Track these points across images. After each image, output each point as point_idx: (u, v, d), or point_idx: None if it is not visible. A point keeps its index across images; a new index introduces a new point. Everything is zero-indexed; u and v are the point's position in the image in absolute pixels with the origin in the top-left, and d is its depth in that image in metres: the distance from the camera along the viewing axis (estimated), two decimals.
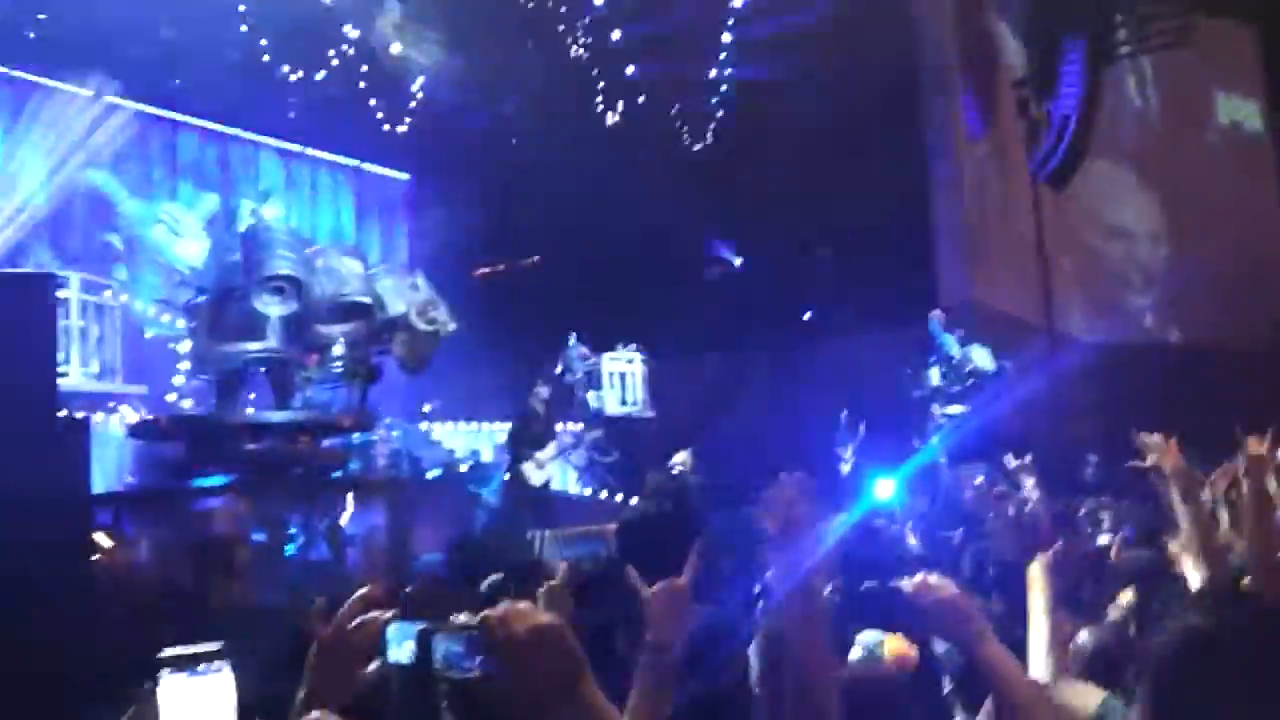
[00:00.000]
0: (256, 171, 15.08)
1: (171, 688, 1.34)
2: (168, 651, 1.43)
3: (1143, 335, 14.99)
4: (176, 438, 8.80)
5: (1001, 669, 2.12)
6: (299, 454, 8.78)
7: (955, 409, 11.64)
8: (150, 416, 9.44)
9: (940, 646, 3.14)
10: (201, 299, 9.08)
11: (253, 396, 9.84)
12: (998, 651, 2.14)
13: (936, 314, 12.19)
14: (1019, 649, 2.68)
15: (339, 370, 9.42)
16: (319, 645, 1.93)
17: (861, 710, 2.33)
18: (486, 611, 1.43)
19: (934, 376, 11.76)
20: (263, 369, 9.17)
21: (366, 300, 9.27)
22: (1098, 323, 14.55)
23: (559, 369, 13.33)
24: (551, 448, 10.02)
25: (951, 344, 11.82)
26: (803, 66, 14.07)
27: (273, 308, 8.78)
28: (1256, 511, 2.98)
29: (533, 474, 9.69)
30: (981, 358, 11.83)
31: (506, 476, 10.08)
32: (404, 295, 9.89)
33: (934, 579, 2.26)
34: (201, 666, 1.37)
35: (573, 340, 13.78)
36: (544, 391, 10.44)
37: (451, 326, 10.29)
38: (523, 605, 1.45)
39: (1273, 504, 3.03)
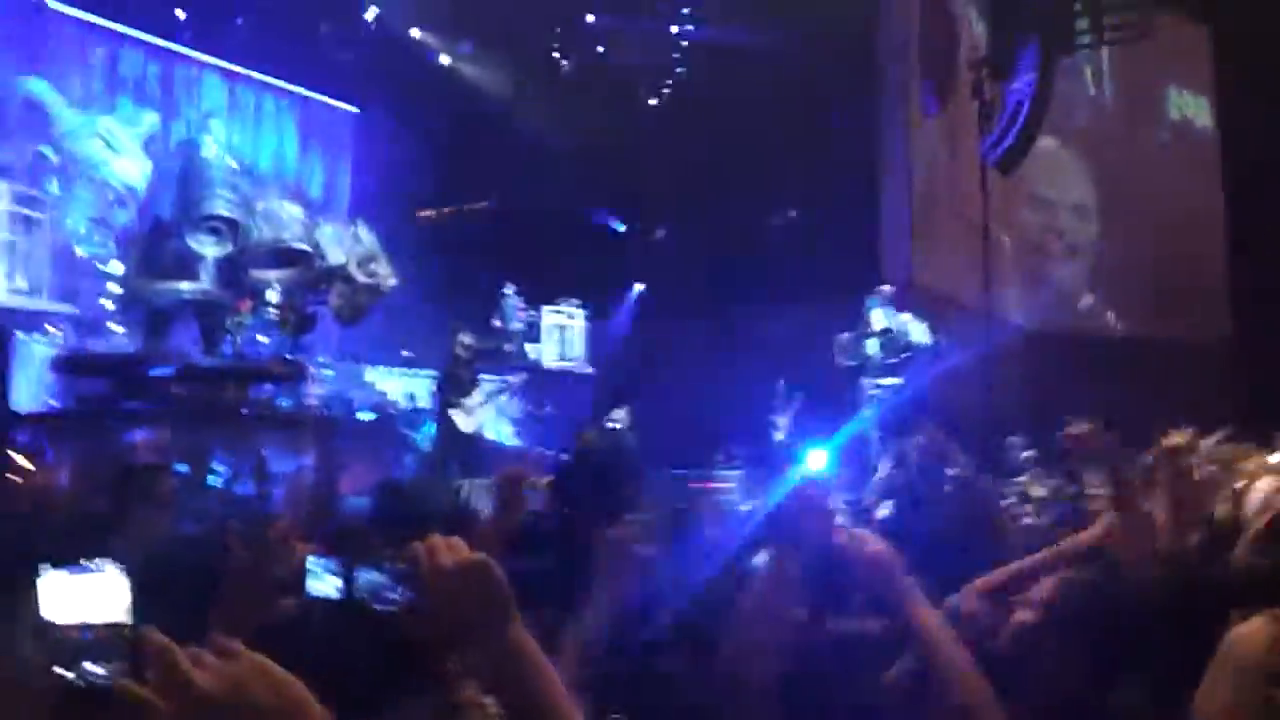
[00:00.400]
0: (199, 92, 14.66)
1: (51, 584, 1.29)
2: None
3: (1078, 323, 15.28)
4: (101, 374, 8.55)
5: (931, 629, 2.14)
6: (226, 400, 8.61)
7: (889, 380, 11.79)
8: (75, 350, 9.15)
9: None
10: (134, 228, 8.84)
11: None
12: (925, 610, 2.16)
13: (880, 288, 12.30)
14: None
15: (272, 317, 9.21)
16: (233, 570, 1.88)
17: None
18: (414, 543, 1.40)
19: (871, 347, 11.88)
20: (194, 310, 8.95)
21: (305, 247, 9.13)
22: (1034, 308, 14.79)
23: (494, 319, 13.25)
24: (478, 394, 9.92)
25: (890, 316, 11.94)
26: (763, 29, 14.02)
27: (208, 248, 8.59)
28: (1172, 500, 3.09)
29: (462, 421, 9.62)
30: (917, 331, 11.98)
31: (436, 423, 10.00)
32: (345, 245, 9.74)
33: (864, 533, 2.29)
34: (85, 563, 1.31)
35: (509, 290, 13.66)
36: (467, 338, 10.31)
37: (391, 282, 10.17)
38: (452, 539, 1.42)
39: (1189, 492, 3.14)
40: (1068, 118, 15.50)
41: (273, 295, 9.16)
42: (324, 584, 1.56)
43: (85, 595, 1.29)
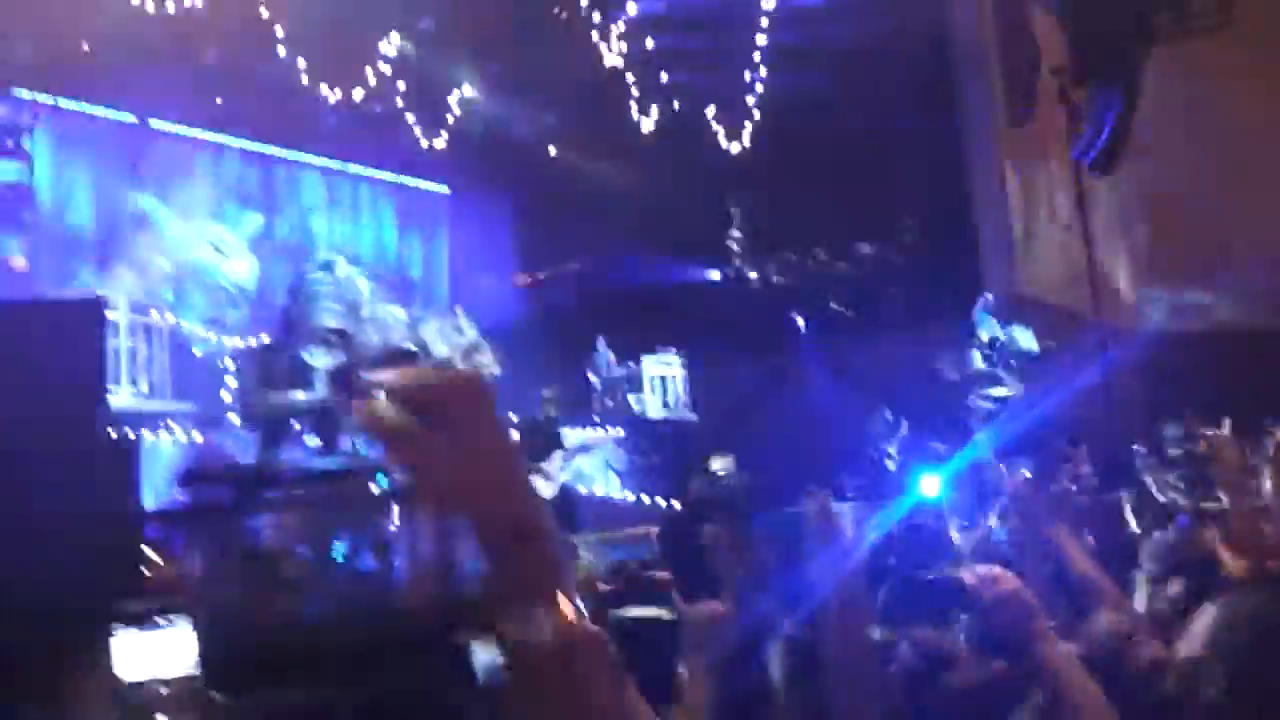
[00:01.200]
0: (299, 189, 15.27)
1: (126, 643, 1.35)
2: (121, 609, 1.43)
3: (1195, 323, 14.71)
4: (223, 485, 8.86)
5: (1064, 670, 2.05)
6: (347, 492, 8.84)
7: (999, 391, 11.51)
8: (195, 466, 9.50)
9: None
10: (251, 343, 9.27)
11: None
12: (1060, 651, 2.08)
13: (984, 298, 12.06)
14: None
15: None
16: None
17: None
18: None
19: (976, 359, 11.62)
20: (310, 419, 9.30)
21: (412, 347, 9.45)
22: (1147, 311, 14.30)
23: (588, 372, 13.37)
24: (557, 458, 9.93)
25: (994, 326, 11.68)
26: (836, 60, 14.00)
27: (319, 359, 8.95)
28: None
29: (543, 487, 9.61)
30: (1025, 339, 11.69)
31: None
32: (448, 339, 10.07)
33: (998, 570, 2.20)
34: (158, 620, 1.37)
35: (601, 344, 13.78)
36: (550, 396, 10.43)
37: (496, 370, 10.41)
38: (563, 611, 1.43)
39: None
40: (1165, 117, 15.06)
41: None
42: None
43: (159, 652, 1.34)
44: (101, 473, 5.28)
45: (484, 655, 1.49)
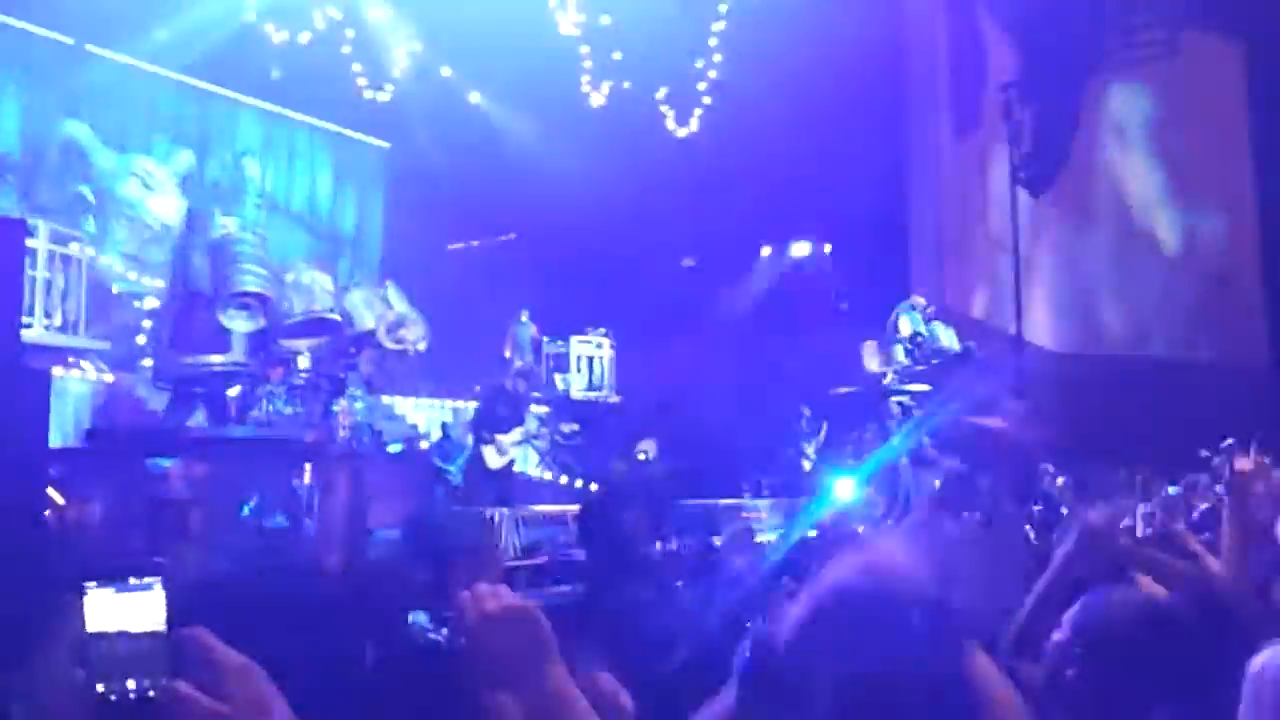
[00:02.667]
0: (235, 130, 14.89)
1: (97, 600, 1.32)
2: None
3: (1110, 347, 15.09)
4: (134, 447, 8.60)
5: (981, 674, 2.10)
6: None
7: (917, 388, 11.71)
8: (103, 427, 9.22)
9: None
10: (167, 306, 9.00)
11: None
12: (979, 658, 2.12)
13: (916, 300, 12.22)
14: None
15: (303, 383, 9.31)
16: None
17: None
18: (461, 592, 1.42)
19: (898, 354, 11.79)
20: (224, 381, 9.07)
21: (335, 316, 9.25)
22: (1066, 332, 14.64)
23: (506, 349, 13.28)
24: (516, 433, 9.89)
25: (917, 322, 11.86)
26: (789, 56, 14.04)
27: (239, 323, 8.73)
28: (1236, 526, 3.01)
29: (491, 457, 9.58)
30: (946, 336, 11.90)
31: (466, 457, 9.96)
32: (374, 309, 9.88)
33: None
34: (131, 580, 1.35)
35: (524, 317, 13.64)
36: (521, 369, 10.36)
37: (421, 346, 10.28)
38: (498, 587, 1.45)
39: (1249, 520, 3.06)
40: (1097, 143, 15.38)
41: (303, 362, 9.29)
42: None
43: (128, 612, 1.32)
44: (15, 402, 5.13)
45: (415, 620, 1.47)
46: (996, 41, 15.25)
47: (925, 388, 11.68)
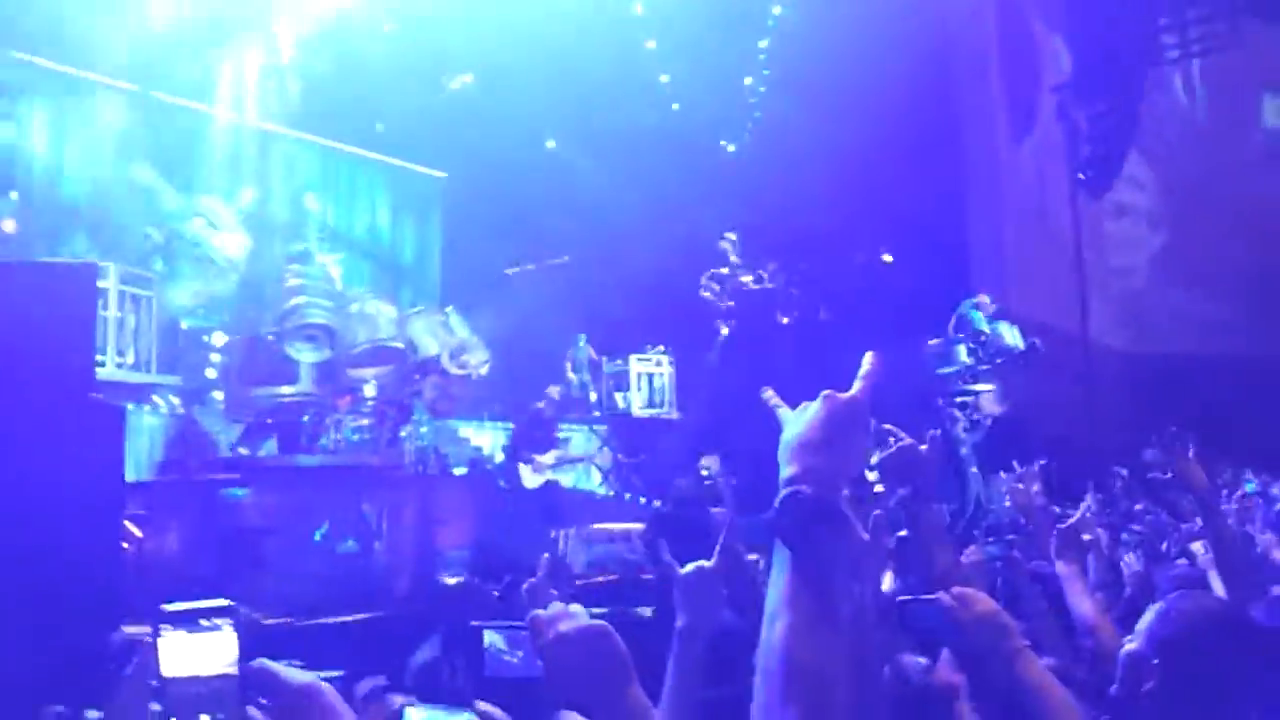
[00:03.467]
0: (294, 166, 15.18)
1: (171, 642, 1.38)
2: (170, 607, 1.45)
3: (1176, 345, 14.79)
4: (207, 478, 8.80)
5: (1041, 688, 2.07)
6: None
7: (982, 387, 11.55)
8: (179, 457, 9.44)
9: None
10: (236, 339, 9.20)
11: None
12: (1036, 669, 2.10)
13: (981, 299, 12.06)
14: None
15: (370, 411, 9.47)
16: None
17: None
18: (535, 611, 1.43)
19: (961, 353, 11.64)
20: (294, 412, 9.25)
21: (399, 345, 9.40)
22: (1133, 333, 14.37)
23: (568, 371, 13.37)
24: (553, 455, 9.92)
25: (980, 320, 11.69)
26: (838, 68, 14.00)
27: (305, 354, 8.90)
28: None
29: (528, 477, 9.61)
30: (1011, 335, 11.72)
31: (504, 480, 9.98)
32: (437, 336, 10.02)
33: (971, 592, 2.22)
34: (203, 623, 1.40)
35: (582, 341, 13.78)
36: (554, 394, 10.42)
37: (484, 370, 10.39)
38: (572, 606, 1.45)
39: None
40: (1160, 138, 15.13)
41: (369, 390, 9.45)
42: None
43: (201, 653, 1.36)
44: (92, 439, 5.27)
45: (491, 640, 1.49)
46: (1048, 42, 15.09)
47: (990, 387, 11.54)
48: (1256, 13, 14.25)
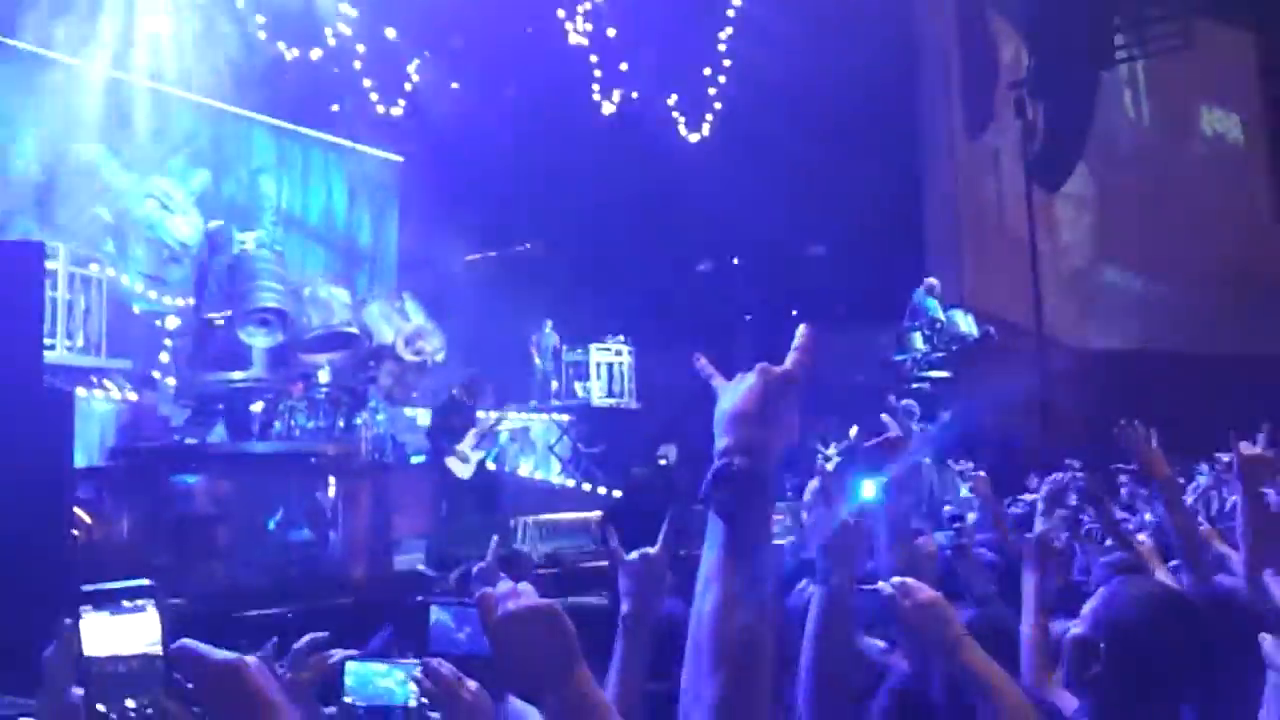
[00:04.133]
0: (249, 148, 14.98)
1: (93, 624, 1.36)
2: (90, 588, 1.44)
3: (1129, 341, 15.04)
4: (159, 464, 8.66)
5: (983, 675, 2.09)
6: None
7: (937, 374, 11.70)
8: (127, 445, 9.27)
9: None
10: (189, 324, 9.03)
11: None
12: (978, 657, 2.11)
13: (927, 282, 12.20)
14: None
15: (324, 397, 9.35)
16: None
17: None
18: (484, 589, 1.41)
19: (917, 341, 11.77)
20: (247, 397, 9.10)
21: (353, 330, 9.27)
22: (1085, 327, 14.58)
23: (534, 356, 13.32)
24: (470, 436, 9.72)
25: (935, 308, 11.82)
26: (799, 59, 14.05)
27: (258, 339, 8.75)
28: (1251, 514, 2.93)
29: (457, 467, 9.47)
30: (965, 323, 11.86)
31: (439, 473, 9.82)
32: (392, 322, 9.90)
33: (912, 582, 2.23)
34: (125, 604, 1.38)
35: (548, 327, 13.75)
36: (464, 380, 10.21)
37: (439, 357, 10.27)
38: (521, 585, 1.44)
39: (1266, 507, 2.98)
40: (1110, 138, 15.35)
41: (323, 376, 9.33)
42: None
43: (125, 633, 1.34)
44: (40, 423, 5.17)
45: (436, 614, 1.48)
46: (1007, 39, 15.23)
47: (944, 374, 11.67)
48: (1209, 14, 14.48)
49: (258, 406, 9.06)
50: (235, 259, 9.33)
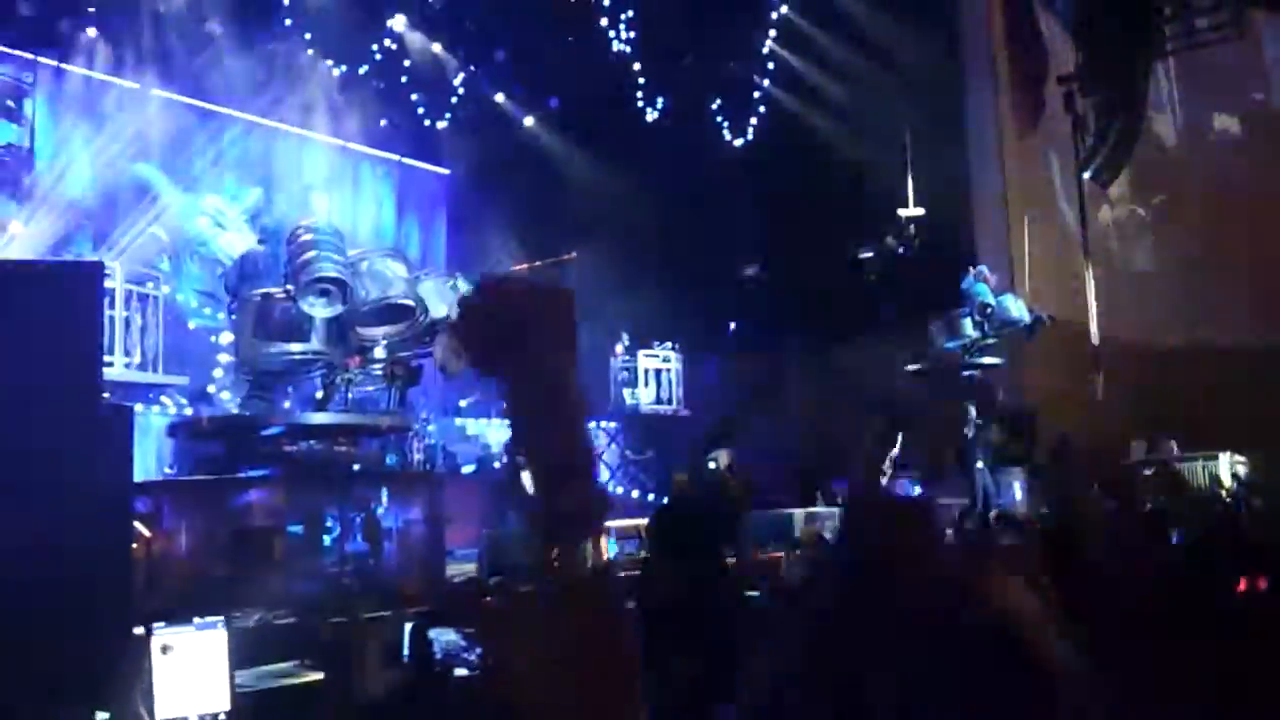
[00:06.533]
0: (300, 164, 15.20)
1: (163, 640, 1.38)
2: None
3: (1179, 335, 14.74)
4: (216, 437, 8.84)
5: None
6: (338, 455, 8.82)
7: (989, 361, 11.56)
8: (190, 415, 9.50)
9: None
10: (251, 296, 9.07)
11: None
12: None
13: (977, 269, 12.05)
14: None
15: (379, 372, 9.42)
16: None
17: None
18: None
19: (967, 326, 11.63)
20: (305, 370, 9.21)
21: (409, 303, 9.28)
22: (1137, 324, 14.32)
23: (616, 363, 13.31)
24: None
25: (986, 293, 11.67)
26: (844, 62, 14.00)
27: (318, 309, 8.81)
28: None
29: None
30: (1016, 308, 11.70)
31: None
32: (445, 298, 9.89)
33: None
34: (195, 621, 1.40)
35: (625, 339, 13.78)
36: None
37: None
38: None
39: None
40: (1155, 131, 15.07)
41: (379, 351, 9.36)
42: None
43: (195, 652, 1.36)
44: (99, 440, 5.27)
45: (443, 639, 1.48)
46: (1055, 33, 15.03)
47: (998, 360, 11.54)
48: (1258, 3, 14.17)
49: (315, 379, 9.14)
50: (294, 231, 9.35)
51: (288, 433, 8.61)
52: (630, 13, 15.21)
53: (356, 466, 8.92)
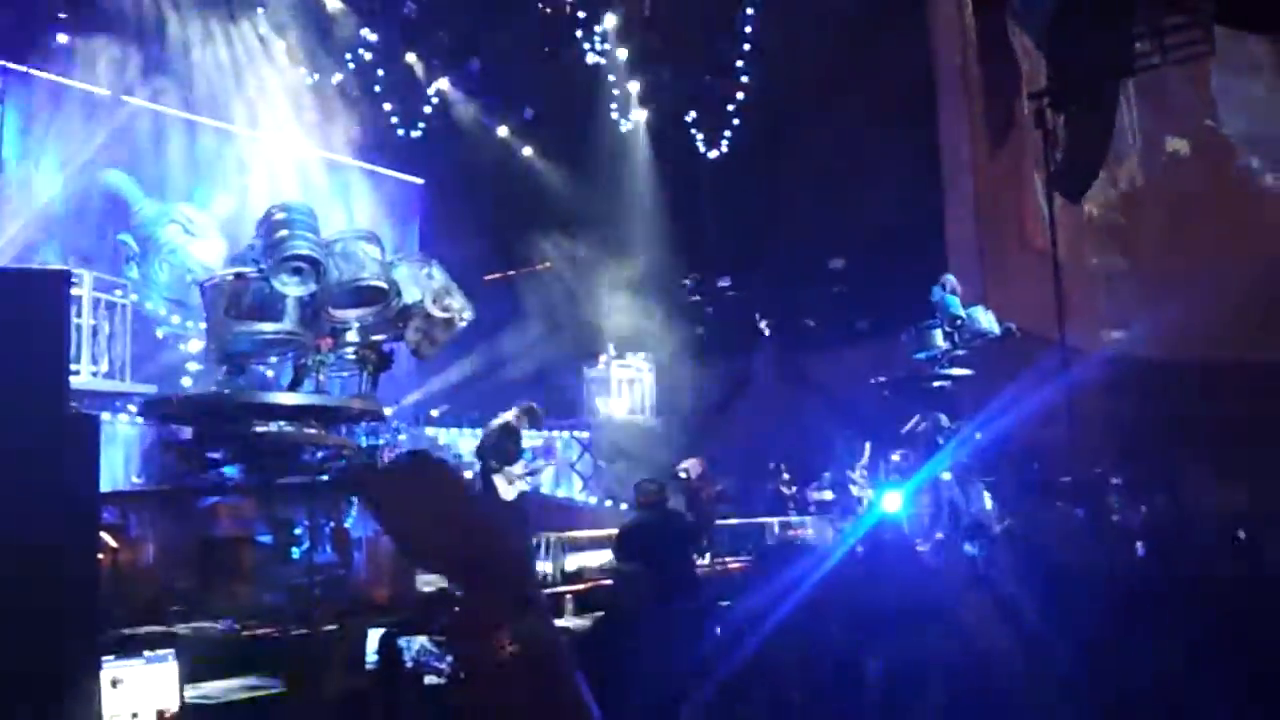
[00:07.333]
0: (273, 173, 15.11)
1: (113, 673, 1.37)
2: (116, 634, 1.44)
3: (1152, 350, 14.89)
4: (186, 417, 8.72)
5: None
6: (308, 438, 8.72)
7: (958, 372, 11.65)
8: (159, 393, 9.33)
9: None
10: (224, 277, 8.97)
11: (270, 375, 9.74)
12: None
13: (945, 279, 12.15)
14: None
15: (352, 356, 9.34)
16: None
17: None
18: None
19: (938, 338, 11.71)
20: (277, 350, 9.11)
21: (383, 285, 9.20)
22: (1108, 337, 14.46)
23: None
24: (520, 465, 9.72)
25: (955, 305, 11.76)
26: (818, 75, 14.07)
27: (291, 287, 8.71)
28: None
29: (504, 488, 9.45)
30: (986, 319, 11.81)
31: (483, 487, 9.84)
32: (419, 283, 9.81)
33: None
34: (145, 654, 1.39)
35: (611, 349, 13.76)
36: (524, 408, 10.20)
37: (467, 315, 10.18)
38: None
39: None
40: (1125, 147, 15.25)
41: (352, 334, 9.27)
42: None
43: (146, 685, 1.35)
44: (65, 449, 5.20)
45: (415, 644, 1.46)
46: (1027, 52, 15.17)
47: (967, 371, 11.62)
48: (1228, 22, 14.37)
49: (285, 360, 9.07)
50: (268, 211, 9.26)
51: (258, 413, 8.50)
52: (604, 27, 15.25)
53: (327, 463, 8.80)
